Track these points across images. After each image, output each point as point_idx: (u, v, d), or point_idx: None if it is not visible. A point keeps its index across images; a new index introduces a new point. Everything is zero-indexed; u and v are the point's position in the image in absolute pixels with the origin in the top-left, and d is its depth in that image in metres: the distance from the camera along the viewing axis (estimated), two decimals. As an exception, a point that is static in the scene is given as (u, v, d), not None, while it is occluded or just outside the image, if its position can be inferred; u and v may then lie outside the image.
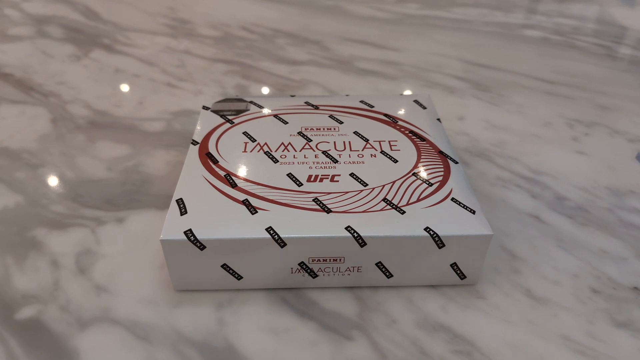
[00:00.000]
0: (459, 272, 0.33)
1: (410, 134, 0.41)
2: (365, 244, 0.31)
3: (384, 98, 0.46)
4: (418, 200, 0.34)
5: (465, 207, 0.33)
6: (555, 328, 0.32)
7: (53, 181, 0.44)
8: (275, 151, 0.38)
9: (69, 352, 0.30)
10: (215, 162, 0.37)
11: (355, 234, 0.31)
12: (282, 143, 0.39)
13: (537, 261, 0.36)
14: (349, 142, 0.40)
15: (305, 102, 0.45)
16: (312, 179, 0.35)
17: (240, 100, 0.45)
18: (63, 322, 0.32)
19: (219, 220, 0.32)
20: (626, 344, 0.31)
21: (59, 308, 0.33)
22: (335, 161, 0.37)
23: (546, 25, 0.77)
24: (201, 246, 0.31)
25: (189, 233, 0.31)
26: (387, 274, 0.33)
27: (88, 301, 0.33)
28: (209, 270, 0.32)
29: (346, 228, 0.31)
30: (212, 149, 0.39)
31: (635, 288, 0.35)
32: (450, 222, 0.32)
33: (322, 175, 0.36)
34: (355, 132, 0.41)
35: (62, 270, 0.35)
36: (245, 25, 0.75)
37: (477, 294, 0.34)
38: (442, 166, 0.37)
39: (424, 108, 0.44)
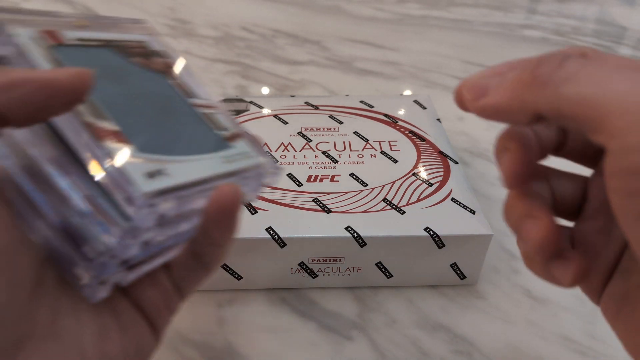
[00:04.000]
0: (458, 272, 0.33)
1: (410, 134, 0.41)
2: (365, 244, 0.31)
3: (384, 98, 0.46)
4: (418, 200, 0.34)
5: (465, 207, 0.33)
6: (555, 328, 0.32)
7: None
8: (275, 151, 0.38)
9: (69, 352, 0.30)
10: (215, 162, 0.37)
11: (355, 234, 0.31)
12: (282, 143, 0.39)
13: (537, 261, 0.36)
14: (349, 142, 0.40)
15: (305, 102, 0.45)
16: (312, 179, 0.35)
17: (240, 100, 0.45)
18: (63, 322, 0.32)
19: (219, 220, 0.32)
20: (626, 344, 0.31)
21: (59, 308, 0.33)
22: (335, 161, 0.37)
23: (546, 25, 0.77)
24: (201, 246, 0.31)
25: (189, 233, 0.31)
26: (387, 274, 0.33)
27: (88, 301, 0.33)
28: (209, 270, 0.32)
29: (346, 228, 0.31)
30: (212, 149, 0.39)
31: (635, 288, 0.35)
32: (450, 222, 0.32)
33: (322, 176, 0.36)
34: (355, 132, 0.41)
35: (62, 270, 0.35)
36: (245, 25, 0.75)
37: (477, 294, 0.34)
38: (442, 166, 0.37)
39: (424, 108, 0.44)
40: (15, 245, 0.17)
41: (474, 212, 0.33)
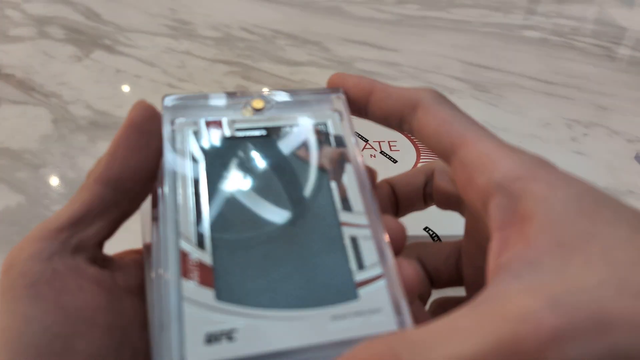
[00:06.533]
0: (458, 271, 0.33)
1: (409, 135, 0.41)
2: (365, 243, 0.31)
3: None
4: (417, 200, 0.34)
5: (464, 206, 0.33)
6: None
7: (54, 181, 0.44)
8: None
9: (70, 351, 0.30)
10: (216, 162, 0.37)
11: (355, 233, 0.31)
12: (283, 143, 0.39)
13: (536, 261, 0.36)
14: (349, 142, 0.40)
15: (305, 103, 0.45)
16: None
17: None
18: (65, 321, 0.32)
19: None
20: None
21: (60, 307, 0.33)
22: (335, 161, 0.37)
23: (545, 26, 0.77)
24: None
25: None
26: (387, 273, 0.33)
27: (90, 300, 0.33)
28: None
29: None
30: (212, 149, 0.39)
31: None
32: (449, 221, 0.32)
33: (322, 175, 0.36)
34: (355, 133, 0.41)
35: (63, 269, 0.35)
36: (245, 26, 0.75)
37: (476, 293, 0.34)
38: (441, 166, 0.37)
39: (424, 108, 0.44)
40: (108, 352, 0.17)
41: (473, 212, 0.33)
